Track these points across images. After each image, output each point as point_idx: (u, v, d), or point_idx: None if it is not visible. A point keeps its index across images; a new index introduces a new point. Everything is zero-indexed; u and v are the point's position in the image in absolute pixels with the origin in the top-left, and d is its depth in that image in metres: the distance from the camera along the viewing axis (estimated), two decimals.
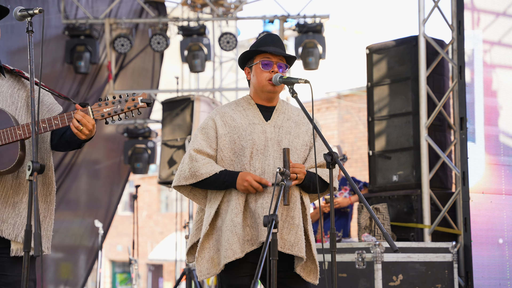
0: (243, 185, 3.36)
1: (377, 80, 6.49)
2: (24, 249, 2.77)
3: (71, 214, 9.99)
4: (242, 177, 3.37)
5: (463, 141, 5.91)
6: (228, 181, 3.39)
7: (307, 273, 3.49)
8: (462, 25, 6.00)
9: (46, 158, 3.32)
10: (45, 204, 3.31)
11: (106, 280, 23.97)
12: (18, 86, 3.32)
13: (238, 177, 3.38)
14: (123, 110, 3.18)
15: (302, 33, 9.24)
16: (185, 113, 7.58)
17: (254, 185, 3.35)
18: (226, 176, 3.40)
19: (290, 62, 3.61)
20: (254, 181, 3.35)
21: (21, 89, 3.32)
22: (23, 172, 3.22)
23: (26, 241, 2.76)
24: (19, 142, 3.16)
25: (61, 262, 10.14)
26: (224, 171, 3.41)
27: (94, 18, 9.36)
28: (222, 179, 3.40)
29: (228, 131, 3.48)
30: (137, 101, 3.19)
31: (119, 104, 3.19)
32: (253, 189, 3.36)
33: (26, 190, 3.23)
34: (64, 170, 9.44)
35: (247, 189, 3.36)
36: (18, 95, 3.29)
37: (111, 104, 3.19)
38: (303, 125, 3.59)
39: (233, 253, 3.35)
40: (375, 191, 6.39)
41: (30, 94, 2.90)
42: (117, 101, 3.19)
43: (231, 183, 3.39)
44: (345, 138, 17.47)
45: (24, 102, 3.30)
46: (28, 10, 3.03)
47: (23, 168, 3.22)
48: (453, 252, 5.67)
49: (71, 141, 3.27)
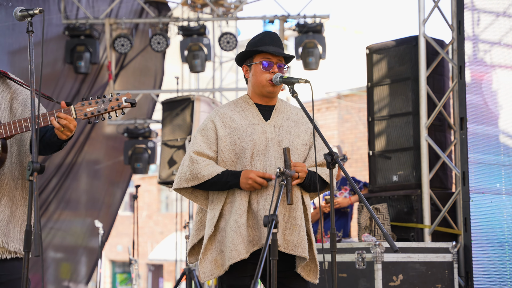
0: (248, 183, 3.35)
1: (377, 80, 6.49)
2: (24, 249, 2.76)
3: (71, 214, 9.99)
4: (245, 175, 3.36)
5: (463, 141, 5.91)
6: (232, 181, 3.39)
7: (307, 272, 3.49)
8: (462, 25, 6.00)
9: (25, 161, 3.28)
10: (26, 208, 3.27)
11: (106, 280, 23.97)
12: (1, 87, 3.29)
13: (241, 176, 3.37)
14: (107, 110, 3.17)
15: (302, 33, 9.24)
16: (185, 113, 7.57)
17: (259, 181, 3.34)
18: (229, 176, 3.39)
19: (288, 60, 3.61)
20: (258, 177, 3.34)
21: (5, 90, 3.29)
22: (2, 174, 3.19)
23: (26, 241, 2.76)
24: (0, 143, 3.13)
25: (61, 262, 10.14)
26: (226, 172, 3.40)
27: (94, 18, 9.37)
28: (224, 180, 3.39)
29: (228, 133, 3.48)
30: (121, 101, 3.17)
31: (102, 103, 3.17)
32: (258, 185, 3.35)
33: (5, 192, 3.20)
34: (64, 170, 9.44)
35: (252, 186, 3.36)
36: (2, 97, 3.27)
37: (95, 104, 3.17)
38: (302, 125, 3.59)
39: (238, 254, 3.35)
40: (375, 191, 6.39)
41: (30, 95, 2.89)
42: (101, 101, 3.17)
43: (235, 183, 3.38)
44: (345, 138, 17.47)
45: (7, 104, 3.27)
46: (28, 10, 3.03)
47: (2, 170, 3.19)
48: (453, 252, 5.67)
49: (51, 142, 3.24)
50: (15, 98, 3.30)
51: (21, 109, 3.29)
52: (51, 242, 9.61)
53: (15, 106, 3.29)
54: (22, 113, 3.28)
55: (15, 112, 3.28)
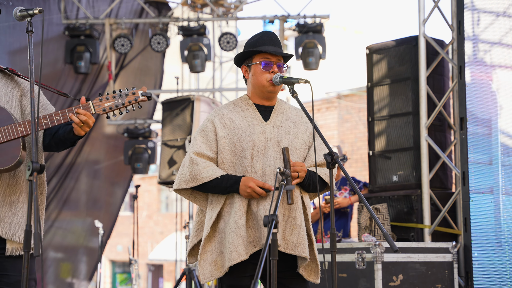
0: (246, 191, 3.35)
1: (377, 80, 6.49)
2: (24, 249, 2.76)
3: (71, 214, 9.99)
4: (245, 183, 3.36)
5: (463, 141, 5.91)
6: (231, 187, 3.39)
7: (308, 272, 3.49)
8: (462, 25, 6.00)
9: (40, 158, 3.31)
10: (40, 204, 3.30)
11: (106, 280, 23.97)
12: (12, 85, 3.31)
13: (241, 183, 3.36)
14: (124, 104, 3.21)
15: (302, 33, 9.24)
16: (185, 113, 7.57)
17: (258, 191, 3.35)
18: (229, 181, 3.39)
19: (286, 60, 3.61)
20: (257, 186, 3.35)
21: (15, 88, 3.32)
22: (20, 171, 3.22)
23: (26, 241, 2.76)
24: (21, 141, 3.16)
25: (61, 262, 10.14)
26: (226, 176, 3.40)
27: (94, 18, 9.36)
28: (224, 185, 3.39)
29: (227, 133, 3.48)
30: (137, 95, 3.22)
31: (120, 98, 3.21)
32: (257, 194, 3.36)
33: (23, 190, 3.22)
34: (65, 171, 9.44)
35: (251, 195, 3.36)
36: (12, 94, 3.29)
37: (112, 99, 3.21)
38: (301, 125, 3.59)
39: (238, 255, 3.34)
40: (375, 191, 6.39)
41: (30, 95, 2.90)
42: (118, 95, 3.22)
43: (234, 189, 3.38)
44: (345, 138, 17.47)
45: (18, 101, 3.29)
46: (28, 10, 3.03)
47: (20, 168, 3.22)
48: (453, 252, 5.67)
49: (66, 138, 3.27)
50: (24, 95, 3.33)
51: (29, 107, 3.30)
52: (51, 242, 9.62)
53: (24, 103, 3.32)
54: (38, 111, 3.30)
55: (24, 109, 3.30)
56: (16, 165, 3.15)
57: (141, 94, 3.22)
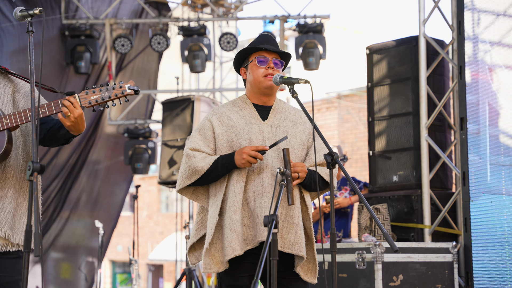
0: (243, 158, 3.35)
1: (377, 80, 6.49)
2: (24, 249, 2.75)
3: (72, 214, 9.99)
4: (239, 152, 3.37)
5: (463, 141, 5.91)
6: (227, 162, 3.39)
7: (305, 272, 3.48)
8: (462, 25, 6.00)
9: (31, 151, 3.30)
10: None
11: (106, 280, 23.97)
12: (4, 82, 3.31)
13: (236, 155, 3.38)
14: (111, 97, 3.21)
15: (302, 33, 9.25)
16: (185, 113, 7.57)
17: (253, 154, 3.34)
18: (224, 159, 3.41)
19: (286, 59, 3.61)
20: (252, 150, 3.34)
21: (7, 84, 3.32)
22: (9, 166, 3.20)
23: (26, 241, 2.75)
24: (6, 134, 3.14)
25: (61, 262, 10.13)
26: (220, 156, 3.42)
27: (94, 18, 9.37)
28: (221, 163, 3.40)
29: (225, 130, 3.49)
30: (124, 89, 3.22)
31: (106, 91, 3.21)
32: (253, 158, 3.35)
33: (11, 185, 3.21)
34: (65, 171, 9.44)
35: (248, 161, 3.35)
36: (4, 90, 3.29)
37: (99, 92, 3.21)
38: (300, 125, 3.59)
39: (232, 251, 3.35)
40: (375, 191, 6.39)
41: (30, 95, 2.89)
42: (105, 89, 3.22)
43: (231, 163, 3.38)
44: (345, 138, 17.47)
45: (10, 97, 3.29)
46: (28, 10, 3.03)
47: (9, 162, 3.20)
48: (453, 252, 5.67)
49: (59, 134, 3.27)
50: (17, 91, 3.33)
51: (23, 101, 3.31)
52: (52, 242, 9.61)
53: (18, 99, 3.31)
54: (25, 105, 3.31)
55: (18, 104, 3.30)
56: (1, 158, 3.13)
57: (128, 87, 3.22)
